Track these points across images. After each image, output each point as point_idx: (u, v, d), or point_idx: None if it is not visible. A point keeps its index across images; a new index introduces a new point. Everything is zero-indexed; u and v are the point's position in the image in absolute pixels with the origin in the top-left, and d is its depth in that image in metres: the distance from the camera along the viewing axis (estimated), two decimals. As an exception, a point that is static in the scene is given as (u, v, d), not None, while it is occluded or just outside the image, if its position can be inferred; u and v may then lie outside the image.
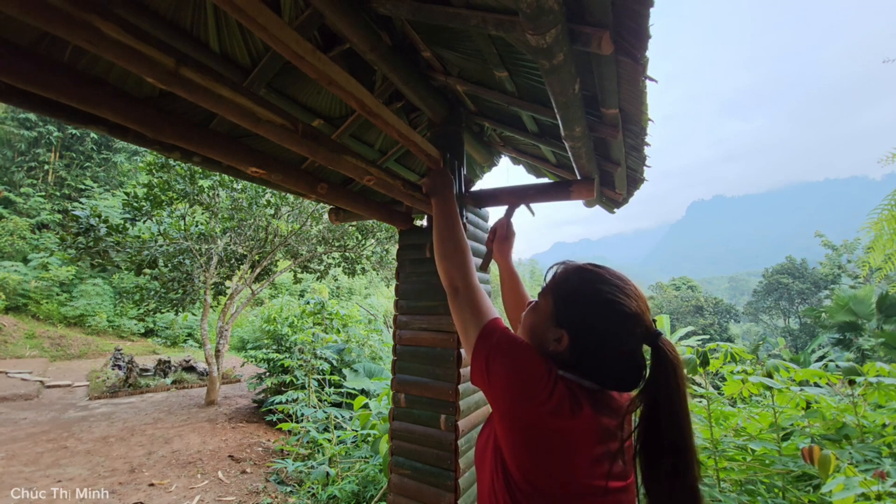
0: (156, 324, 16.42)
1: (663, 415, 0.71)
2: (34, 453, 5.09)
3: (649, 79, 1.09)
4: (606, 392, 0.80)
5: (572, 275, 0.84)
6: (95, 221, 6.56)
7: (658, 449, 0.71)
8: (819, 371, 2.40)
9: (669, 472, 0.69)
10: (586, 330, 0.78)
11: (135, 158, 20.41)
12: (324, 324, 7.31)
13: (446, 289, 0.97)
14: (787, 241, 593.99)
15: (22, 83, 0.82)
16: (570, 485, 0.71)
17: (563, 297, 0.82)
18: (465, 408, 1.97)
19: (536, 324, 0.86)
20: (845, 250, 23.25)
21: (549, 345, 0.82)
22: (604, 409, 0.76)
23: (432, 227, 1.27)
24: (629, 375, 0.77)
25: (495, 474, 0.78)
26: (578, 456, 0.72)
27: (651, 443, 0.71)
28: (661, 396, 0.72)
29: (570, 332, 0.79)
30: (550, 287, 0.86)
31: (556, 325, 0.81)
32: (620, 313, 0.76)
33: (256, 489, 4.28)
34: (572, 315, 0.80)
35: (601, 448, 0.73)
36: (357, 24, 1.34)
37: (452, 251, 1.00)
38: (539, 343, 0.85)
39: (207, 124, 1.51)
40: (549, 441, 0.72)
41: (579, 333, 0.78)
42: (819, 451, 1.64)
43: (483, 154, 2.44)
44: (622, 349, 0.77)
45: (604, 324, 0.77)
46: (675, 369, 0.72)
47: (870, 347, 11.21)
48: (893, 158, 4.81)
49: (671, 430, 0.70)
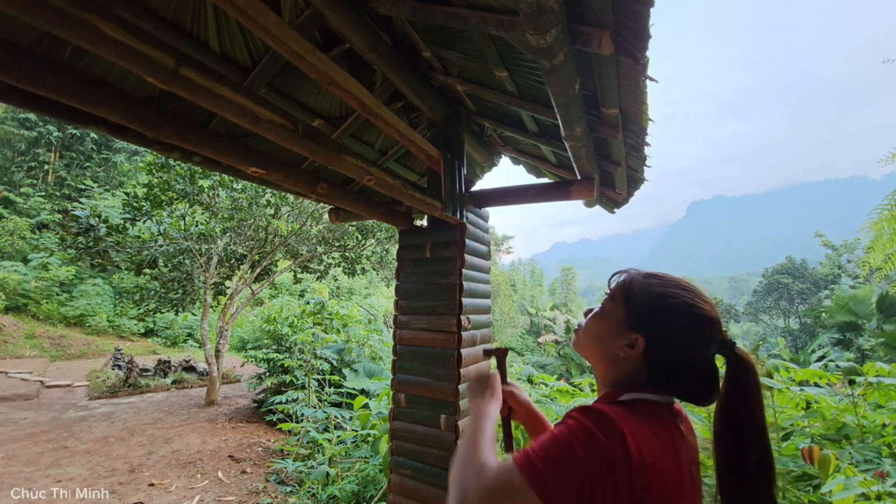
0: (156, 324, 16.42)
1: (747, 430, 0.67)
2: (34, 453, 5.09)
3: (650, 79, 1.09)
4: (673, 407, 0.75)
5: (644, 280, 0.80)
6: (95, 221, 6.56)
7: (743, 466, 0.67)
8: (819, 371, 2.40)
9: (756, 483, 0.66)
10: (665, 334, 0.74)
11: (135, 158, 20.41)
12: (324, 324, 7.31)
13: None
14: (787, 241, 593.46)
15: (22, 83, 0.82)
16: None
17: (637, 301, 0.78)
18: (465, 408, 1.97)
19: (604, 330, 0.82)
20: (845, 250, 23.25)
21: (620, 350, 0.77)
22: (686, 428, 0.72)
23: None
24: (706, 386, 0.73)
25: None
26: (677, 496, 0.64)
27: (735, 460, 0.68)
28: (742, 410, 0.68)
29: (647, 336, 0.75)
30: (620, 291, 0.81)
31: (630, 329, 0.77)
32: (701, 317, 0.73)
33: (256, 489, 4.27)
34: (651, 319, 0.76)
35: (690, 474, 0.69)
36: (357, 24, 1.34)
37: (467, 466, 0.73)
38: (605, 350, 0.81)
39: (207, 124, 1.51)
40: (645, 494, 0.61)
41: (657, 338, 0.74)
42: (819, 451, 1.64)
43: (483, 154, 2.44)
44: (700, 357, 0.73)
45: (683, 328, 0.73)
46: (755, 377, 0.69)
47: (870, 347, 11.21)
48: (893, 158, 4.81)
49: (756, 446, 0.67)
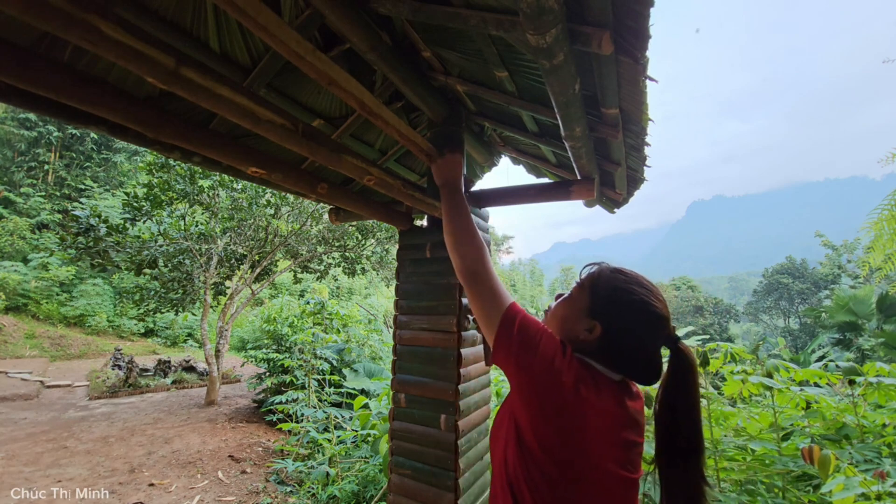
0: (156, 324, 16.42)
1: (681, 412, 0.81)
2: (34, 453, 5.09)
3: (650, 79, 1.09)
4: (624, 385, 0.87)
5: (609, 274, 0.92)
6: (95, 221, 6.56)
7: (675, 441, 0.80)
8: (819, 371, 2.40)
9: (685, 459, 0.79)
10: (619, 325, 0.86)
11: (135, 158, 20.41)
12: (324, 324, 7.31)
13: (463, 274, 1.01)
14: (787, 241, 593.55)
15: (22, 83, 0.82)
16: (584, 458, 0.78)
17: (600, 293, 0.90)
18: (465, 408, 1.97)
19: (569, 314, 0.93)
20: (845, 250, 23.25)
21: (580, 334, 0.89)
22: (621, 399, 0.83)
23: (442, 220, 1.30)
24: (648, 372, 0.86)
25: (509, 448, 0.85)
26: (594, 433, 0.78)
27: (669, 433, 0.81)
28: (680, 392, 0.81)
29: (604, 325, 0.86)
30: (588, 283, 0.93)
31: (591, 316, 0.89)
32: (651, 314, 0.85)
33: (256, 489, 4.27)
34: (608, 310, 0.87)
35: (617, 434, 0.81)
36: (357, 24, 1.34)
37: (468, 238, 1.05)
38: (568, 331, 0.92)
39: (207, 124, 1.51)
40: (567, 413, 0.78)
41: (612, 327, 0.86)
42: (819, 451, 1.64)
43: (483, 154, 2.44)
44: (647, 347, 0.86)
45: (635, 321, 0.85)
46: (693, 370, 0.82)
47: (870, 347, 11.21)
48: (893, 158, 4.80)
49: (687, 425, 0.80)
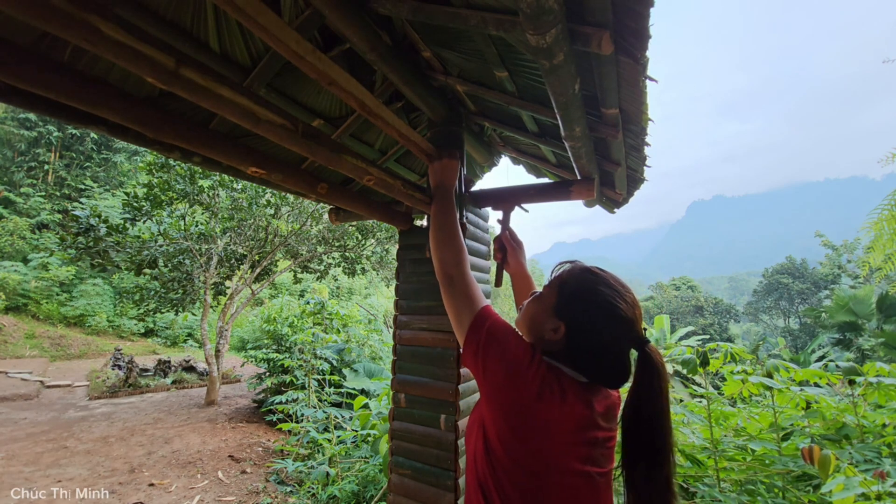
0: (156, 324, 16.42)
1: (645, 413, 0.79)
2: (34, 453, 5.09)
3: (649, 79, 1.09)
4: (595, 386, 0.86)
5: (578, 273, 0.91)
6: (95, 221, 6.56)
7: (638, 442, 0.79)
8: (819, 371, 2.40)
9: (647, 464, 0.78)
10: (582, 325, 0.85)
11: (135, 158, 20.41)
12: (324, 324, 7.31)
13: (441, 277, 1.03)
14: (787, 241, 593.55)
15: (22, 83, 0.82)
16: (546, 461, 0.79)
17: (566, 292, 0.89)
18: (465, 408, 1.97)
19: (538, 313, 0.93)
20: (845, 250, 23.25)
21: (546, 333, 0.89)
22: (588, 400, 0.83)
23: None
24: (615, 374, 0.85)
25: (478, 448, 0.87)
26: (557, 437, 0.79)
27: (633, 437, 0.80)
28: (644, 396, 0.80)
29: (568, 325, 0.86)
30: (556, 282, 0.93)
31: (556, 316, 0.88)
32: (616, 317, 0.83)
33: (256, 489, 4.27)
34: (572, 310, 0.87)
35: (581, 434, 0.80)
36: (357, 24, 1.34)
37: (449, 241, 1.08)
38: (536, 330, 0.92)
39: (207, 124, 1.51)
40: (530, 419, 0.79)
41: (575, 327, 0.85)
42: (819, 451, 1.64)
43: (483, 154, 2.44)
44: (612, 349, 0.84)
45: (599, 323, 0.84)
46: (660, 374, 0.80)
47: (870, 347, 11.21)
48: (893, 158, 4.81)
49: (651, 428, 0.79)
